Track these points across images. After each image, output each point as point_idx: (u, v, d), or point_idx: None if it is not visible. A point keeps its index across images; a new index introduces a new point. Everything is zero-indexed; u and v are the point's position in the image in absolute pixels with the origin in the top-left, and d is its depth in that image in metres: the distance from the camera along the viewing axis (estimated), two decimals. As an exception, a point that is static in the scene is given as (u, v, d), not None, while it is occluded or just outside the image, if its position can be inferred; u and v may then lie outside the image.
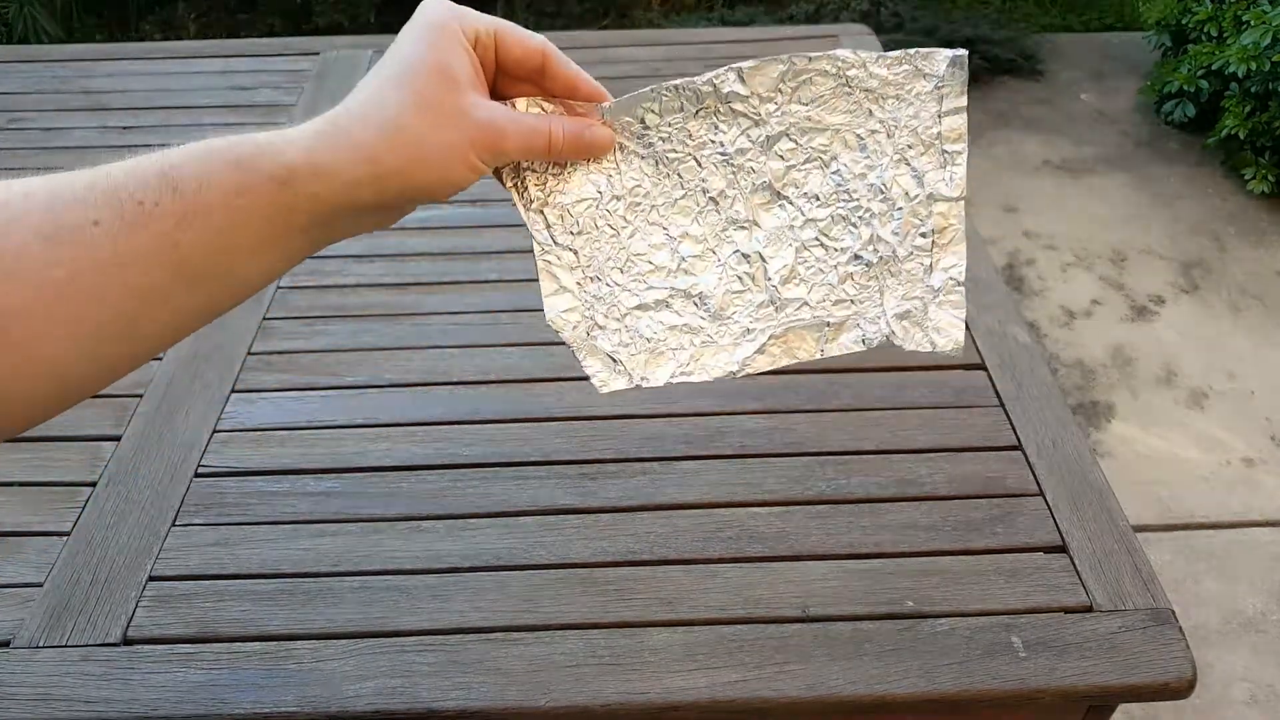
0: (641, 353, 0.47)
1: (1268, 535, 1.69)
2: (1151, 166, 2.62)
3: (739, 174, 0.47)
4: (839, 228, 0.47)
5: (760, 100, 0.46)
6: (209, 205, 0.36)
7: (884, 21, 3.05)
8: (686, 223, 0.47)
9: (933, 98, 0.45)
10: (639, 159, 0.46)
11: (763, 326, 0.47)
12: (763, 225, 0.47)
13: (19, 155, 1.25)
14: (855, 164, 0.46)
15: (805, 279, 0.47)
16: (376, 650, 0.69)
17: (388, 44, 0.44)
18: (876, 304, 0.47)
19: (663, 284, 0.47)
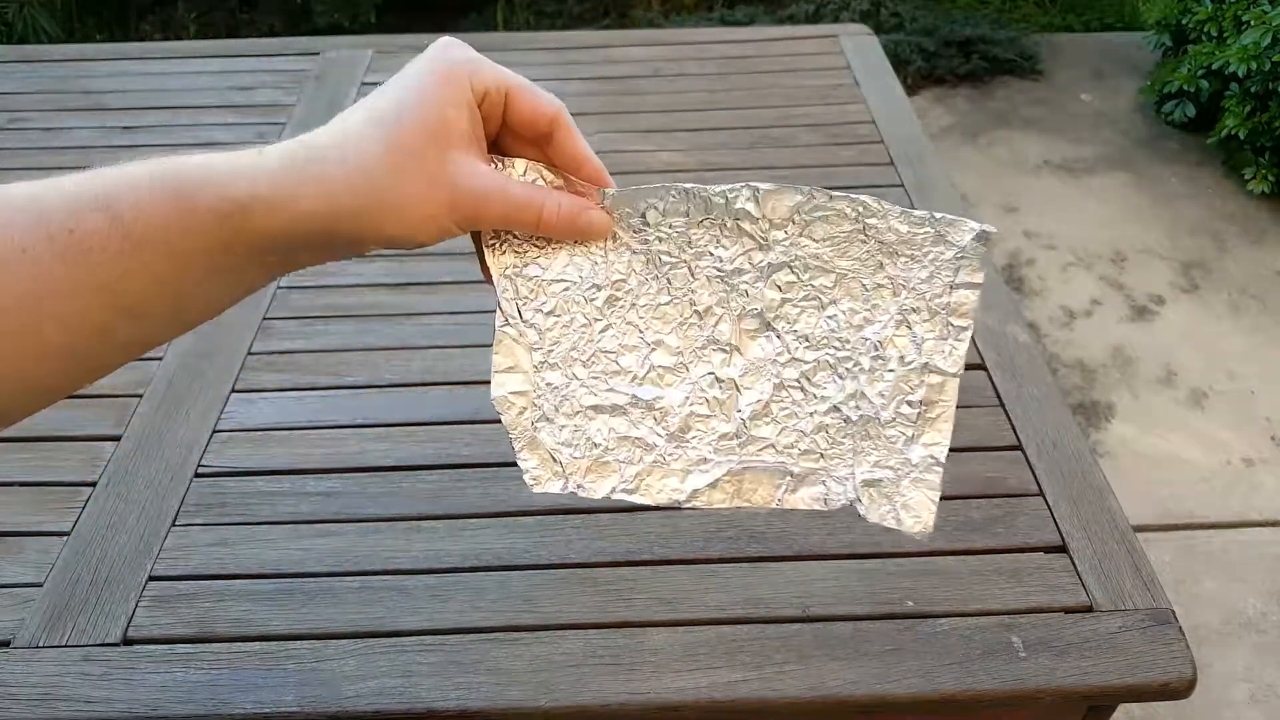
0: (585, 458, 0.44)
1: (1268, 535, 1.69)
2: (1151, 166, 2.62)
3: (731, 294, 0.44)
4: (824, 374, 0.44)
5: (771, 225, 0.43)
6: (150, 238, 0.34)
7: (884, 21, 3.05)
8: (665, 331, 0.44)
9: (949, 266, 0.43)
10: (630, 253, 0.43)
11: (721, 459, 0.44)
12: (745, 353, 0.44)
13: (19, 155, 1.25)
14: (855, 314, 0.43)
15: (777, 420, 0.44)
16: (376, 650, 0.69)
17: (388, 44, 0.44)
18: (847, 464, 0.44)
19: (625, 389, 0.44)
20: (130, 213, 0.34)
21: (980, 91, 2.94)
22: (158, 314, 0.36)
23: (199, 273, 0.36)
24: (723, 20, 3.15)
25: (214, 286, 0.37)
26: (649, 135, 1.26)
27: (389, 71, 1.43)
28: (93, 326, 0.34)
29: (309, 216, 0.36)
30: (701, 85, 1.39)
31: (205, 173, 0.36)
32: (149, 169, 0.36)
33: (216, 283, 0.37)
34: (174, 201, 0.35)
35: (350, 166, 0.37)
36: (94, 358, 0.36)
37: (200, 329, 0.39)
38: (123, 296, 0.34)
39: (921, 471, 0.44)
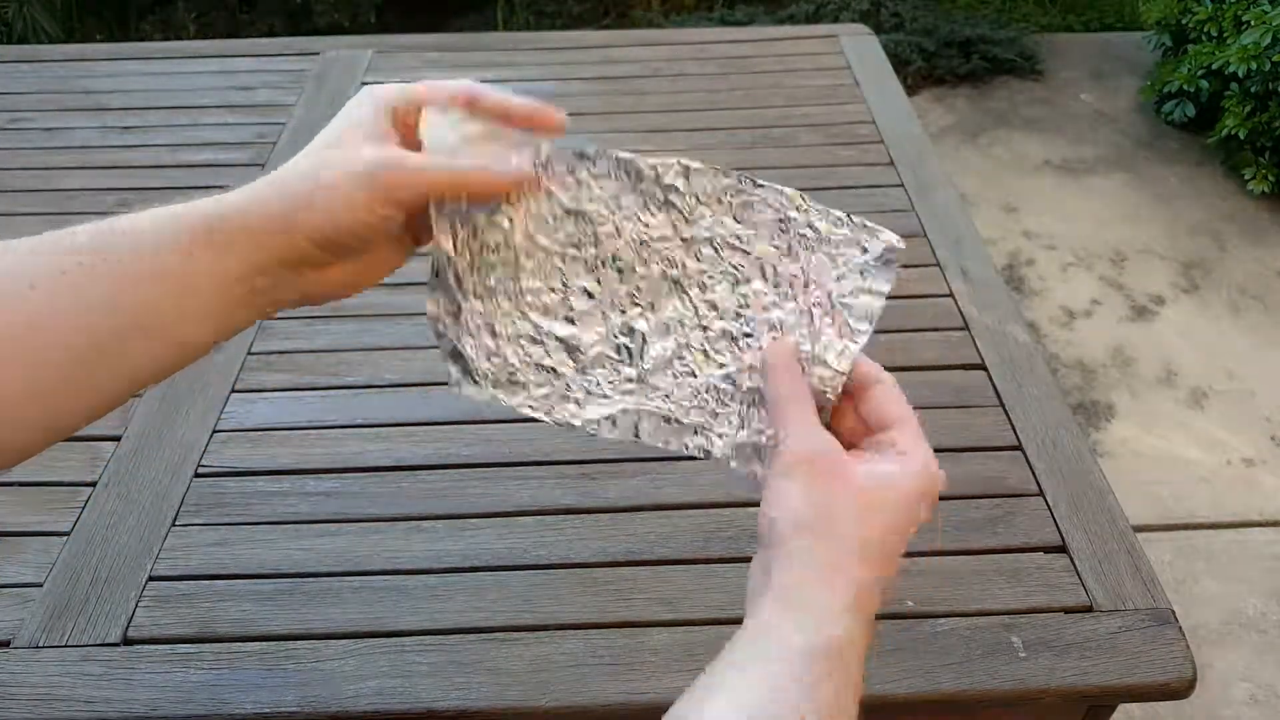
0: (501, 373, 0.47)
1: (1268, 535, 1.69)
2: (1151, 166, 2.62)
3: (653, 257, 0.47)
4: (725, 343, 0.47)
5: (697, 202, 0.46)
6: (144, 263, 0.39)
7: (884, 21, 3.05)
8: (588, 280, 0.47)
9: (858, 271, 0.46)
10: (563, 209, 0.46)
11: (619, 398, 0.47)
12: (657, 311, 0.47)
13: (19, 155, 1.25)
14: (764, 295, 0.46)
15: (676, 374, 0.47)
16: (376, 650, 0.69)
17: (388, 44, 0.45)
18: (731, 427, 0.47)
19: (543, 323, 0.47)
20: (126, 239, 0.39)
21: (980, 91, 2.94)
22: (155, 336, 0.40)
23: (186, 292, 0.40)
24: (723, 20, 3.15)
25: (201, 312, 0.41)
26: (649, 135, 1.26)
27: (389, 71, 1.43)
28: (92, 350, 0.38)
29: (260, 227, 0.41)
30: (701, 85, 1.39)
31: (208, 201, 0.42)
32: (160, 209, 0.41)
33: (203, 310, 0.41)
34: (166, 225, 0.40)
35: (280, 178, 0.43)
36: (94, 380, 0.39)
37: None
38: (120, 318, 0.38)
39: None
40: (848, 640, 0.38)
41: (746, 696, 0.36)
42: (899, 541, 0.41)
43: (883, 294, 0.45)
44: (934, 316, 0.98)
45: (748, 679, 0.37)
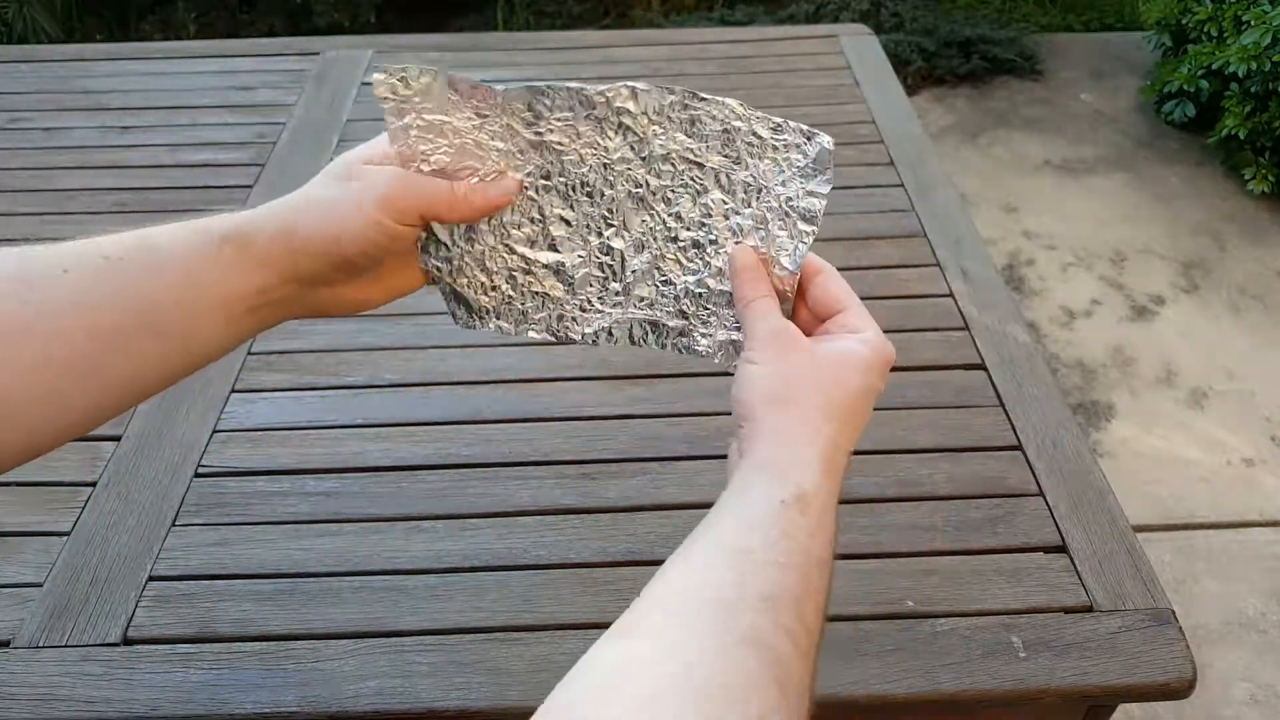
0: (501, 304, 0.52)
1: (1268, 535, 1.69)
2: (1151, 166, 2.62)
3: (617, 179, 0.50)
4: (693, 252, 0.50)
5: (649, 121, 0.49)
6: (169, 259, 0.41)
7: (884, 21, 3.05)
8: (562, 207, 0.51)
9: (800, 174, 0.48)
10: (527, 143, 0.49)
11: (609, 310, 0.52)
12: (630, 228, 0.51)
13: (19, 155, 1.25)
14: (724, 204, 0.49)
15: (656, 284, 0.51)
16: (376, 650, 0.69)
17: (388, 44, 0.45)
18: (711, 325, 0.51)
19: (529, 254, 0.51)
20: (157, 239, 0.41)
21: (980, 91, 2.94)
22: (172, 333, 0.41)
23: (204, 297, 0.42)
24: (723, 20, 3.15)
25: (215, 317, 0.43)
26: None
27: (389, 71, 1.38)
28: (118, 338, 0.39)
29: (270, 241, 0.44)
30: (701, 85, 1.38)
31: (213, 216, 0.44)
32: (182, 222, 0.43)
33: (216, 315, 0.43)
34: (194, 231, 0.42)
35: (289, 200, 0.46)
36: (113, 372, 0.39)
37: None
38: (144, 311, 0.40)
39: None
40: (816, 489, 0.40)
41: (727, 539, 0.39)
42: (860, 405, 0.44)
43: (823, 195, 0.48)
44: (934, 316, 0.98)
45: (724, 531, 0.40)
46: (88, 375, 0.38)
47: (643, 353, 0.94)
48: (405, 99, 0.47)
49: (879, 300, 0.98)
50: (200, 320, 0.42)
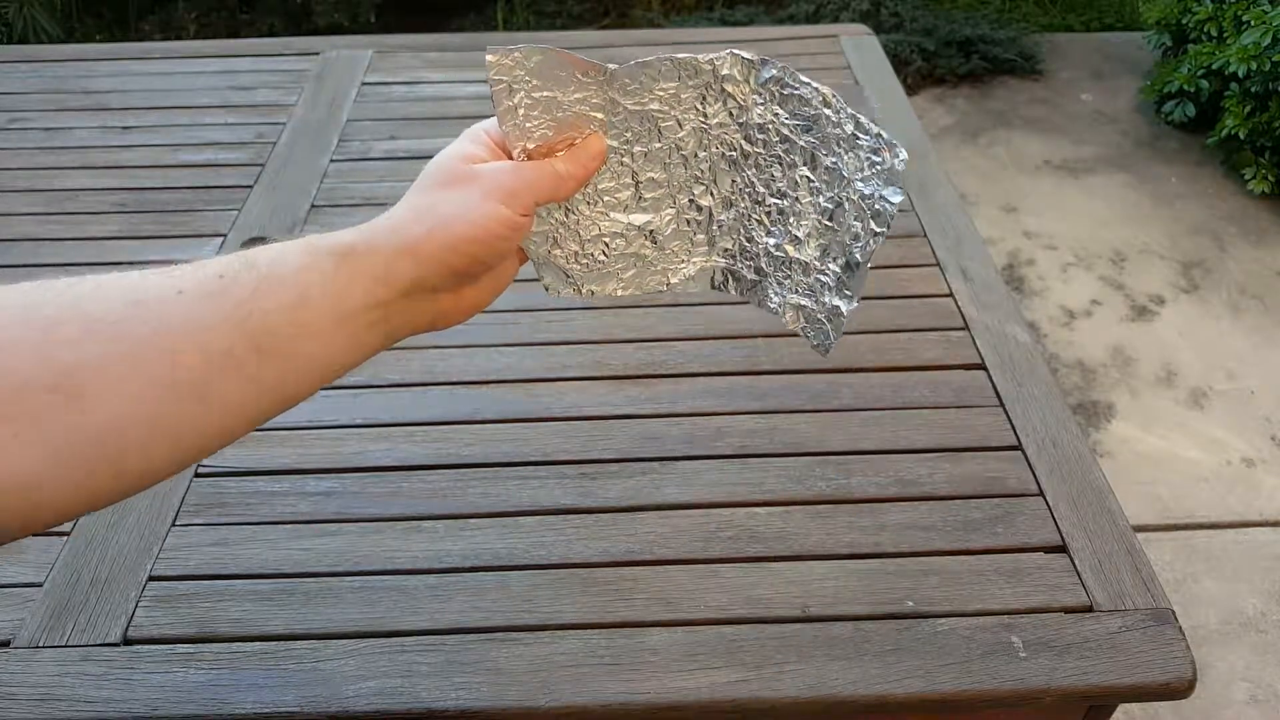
0: (591, 271, 0.54)
1: (1268, 535, 1.69)
2: (1151, 166, 2.62)
3: (712, 142, 0.52)
4: (776, 217, 0.52)
5: (750, 90, 0.50)
6: (280, 279, 0.40)
7: (884, 21, 3.05)
8: (655, 171, 0.52)
9: (878, 178, 0.49)
10: (627, 112, 0.50)
11: (694, 259, 0.55)
12: (720, 187, 0.53)
13: (19, 155, 1.25)
14: (809, 180, 0.51)
15: (738, 239, 0.54)
16: (376, 650, 0.69)
17: (388, 44, 0.45)
18: (783, 286, 0.53)
19: (622, 218, 0.53)
20: (265, 260, 0.40)
21: (980, 91, 2.94)
22: (279, 359, 0.40)
23: (318, 316, 0.41)
24: (723, 20, 3.15)
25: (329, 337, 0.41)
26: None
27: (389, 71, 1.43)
28: (229, 360, 0.38)
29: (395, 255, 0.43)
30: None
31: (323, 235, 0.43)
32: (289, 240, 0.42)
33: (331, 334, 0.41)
34: (302, 250, 0.41)
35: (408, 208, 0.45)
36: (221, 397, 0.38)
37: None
38: (255, 335, 0.39)
39: (833, 315, 0.52)
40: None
41: None
42: None
43: (895, 204, 0.48)
44: (934, 316, 0.98)
45: None
46: (202, 398, 0.37)
47: (643, 353, 0.95)
48: (516, 78, 0.47)
49: (879, 300, 0.98)
50: (317, 339, 0.41)
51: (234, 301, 0.38)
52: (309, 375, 0.41)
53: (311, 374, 0.42)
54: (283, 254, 0.41)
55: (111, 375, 0.35)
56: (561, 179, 0.48)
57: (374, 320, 0.43)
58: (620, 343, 0.96)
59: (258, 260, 0.40)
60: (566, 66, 0.48)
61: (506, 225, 0.45)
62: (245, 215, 1.13)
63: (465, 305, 0.48)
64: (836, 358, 0.93)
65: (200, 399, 0.37)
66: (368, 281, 0.42)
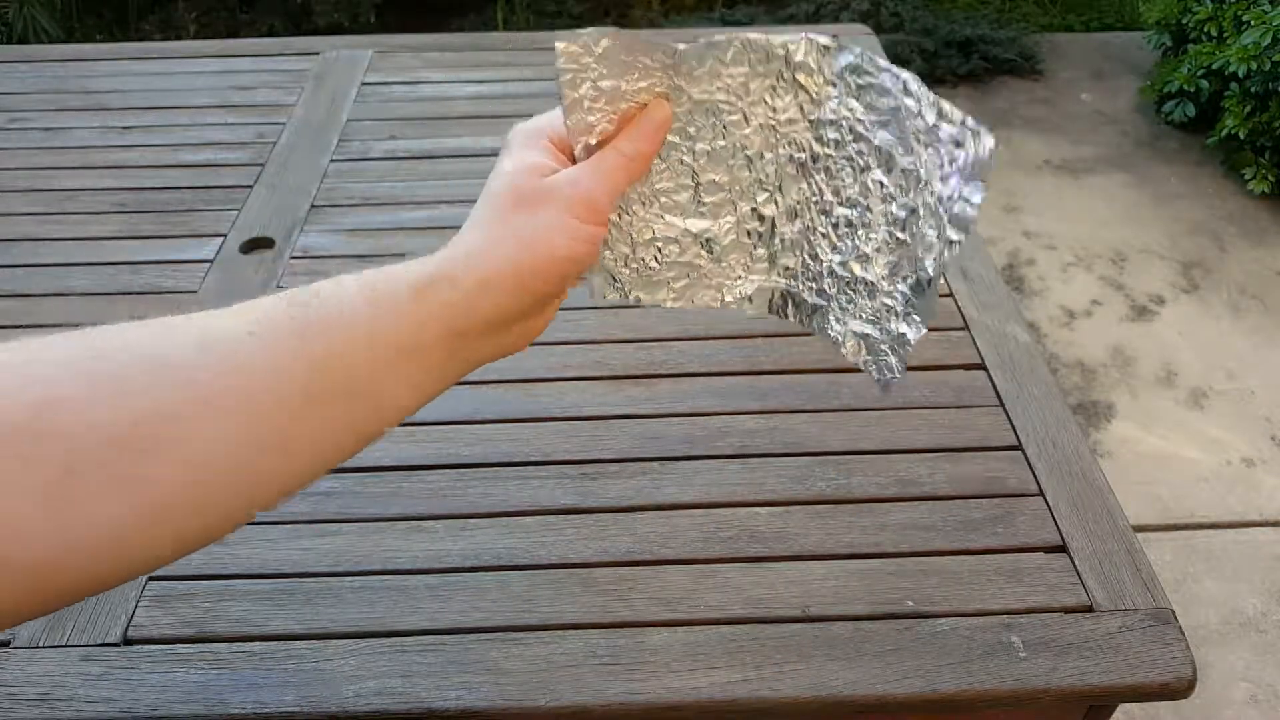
0: (641, 277, 0.50)
1: (1268, 535, 1.69)
2: (1151, 166, 2.62)
3: (780, 142, 0.47)
4: (846, 229, 0.48)
5: (825, 81, 0.46)
6: (354, 315, 0.38)
7: (884, 21, 3.05)
8: (717, 172, 0.48)
9: (960, 173, 0.44)
10: (692, 102, 0.46)
11: (752, 277, 0.51)
12: (785, 195, 0.48)
13: (19, 155, 1.25)
14: (883, 186, 0.46)
15: (801, 256, 0.49)
16: (376, 650, 0.69)
17: (388, 44, 0.45)
18: (846, 311, 0.49)
19: (678, 223, 0.49)
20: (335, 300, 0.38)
21: (980, 91, 2.94)
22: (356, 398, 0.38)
23: (393, 352, 0.39)
24: (723, 20, 3.15)
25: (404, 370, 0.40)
26: (649, 135, 1.26)
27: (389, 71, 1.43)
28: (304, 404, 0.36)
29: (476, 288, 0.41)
30: (701, 85, 1.39)
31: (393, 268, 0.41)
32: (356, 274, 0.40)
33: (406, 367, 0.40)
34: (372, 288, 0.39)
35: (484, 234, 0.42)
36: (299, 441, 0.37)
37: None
38: (329, 375, 0.37)
39: (898, 344, 0.48)
40: None
41: None
42: None
43: (977, 204, 0.44)
44: (934, 316, 0.98)
45: None
46: (274, 443, 0.36)
47: (643, 353, 0.95)
48: (585, 67, 0.44)
49: (879, 300, 0.98)
50: (391, 377, 0.39)
51: (307, 340, 0.36)
52: (385, 413, 0.40)
53: (387, 411, 0.40)
54: (357, 290, 0.39)
55: (188, 425, 0.33)
56: (631, 160, 0.45)
57: (453, 352, 0.41)
58: (620, 343, 0.95)
59: (329, 296, 0.38)
60: (633, 51, 0.44)
61: (589, 241, 0.43)
62: (245, 215, 1.13)
63: (541, 324, 0.45)
64: (836, 358, 0.93)
65: (278, 446, 0.36)
66: (445, 316, 0.40)
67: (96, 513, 0.32)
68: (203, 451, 0.34)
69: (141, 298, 1.00)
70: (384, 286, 0.39)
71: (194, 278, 1.03)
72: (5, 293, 1.01)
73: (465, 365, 0.43)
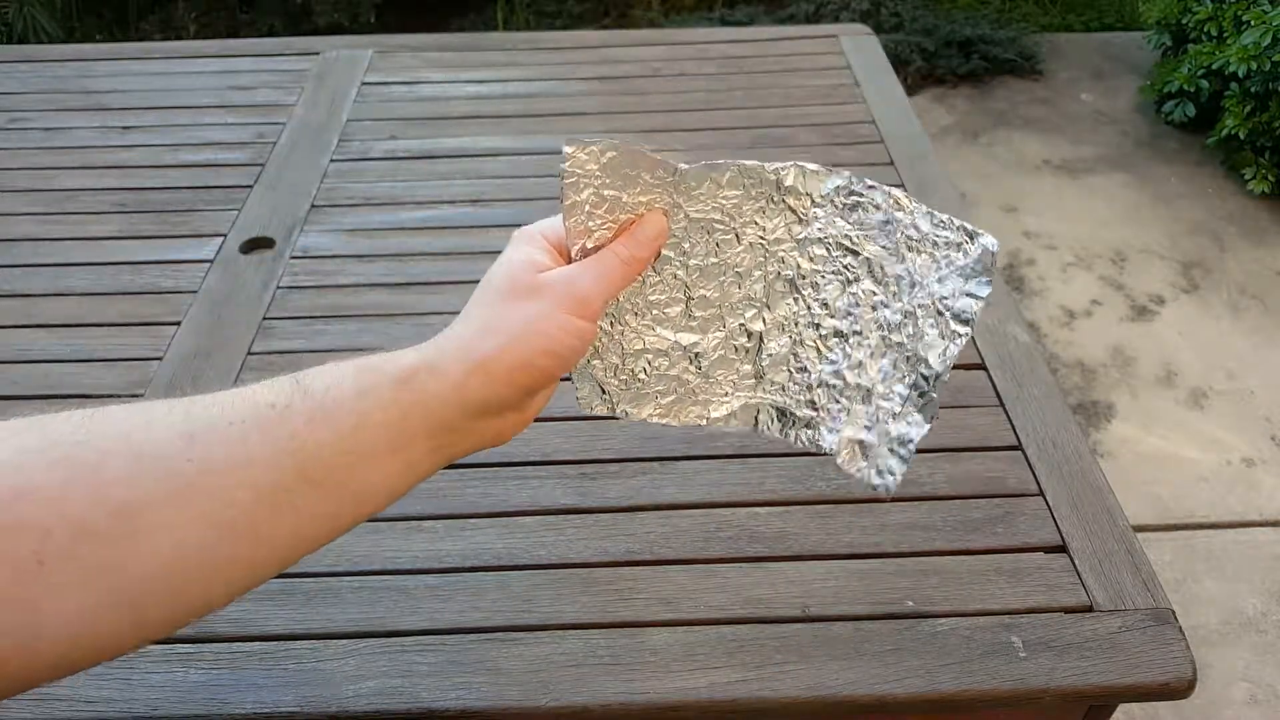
0: (629, 389, 0.51)
1: (1268, 535, 1.69)
2: (1151, 166, 2.62)
3: (769, 260, 0.50)
4: (836, 340, 0.49)
5: (813, 203, 0.49)
6: (336, 405, 0.38)
7: (884, 21, 3.05)
8: (708, 287, 0.50)
9: (960, 274, 0.46)
10: (688, 219, 0.49)
11: (740, 395, 0.51)
12: (773, 311, 0.50)
13: (19, 155, 1.25)
14: (873, 295, 0.48)
15: (791, 370, 0.51)
16: (376, 650, 0.69)
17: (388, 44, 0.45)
18: (840, 420, 0.50)
19: (669, 335, 0.50)
20: (320, 385, 0.38)
21: (980, 91, 2.94)
22: (334, 488, 0.38)
23: (375, 443, 0.39)
24: (723, 20, 3.15)
25: (386, 464, 0.39)
26: (649, 135, 1.26)
27: (389, 71, 1.42)
28: (281, 494, 0.36)
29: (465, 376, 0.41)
30: (701, 85, 1.39)
31: (381, 356, 0.41)
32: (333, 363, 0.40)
33: (387, 461, 0.39)
34: (357, 374, 0.39)
35: (477, 325, 0.43)
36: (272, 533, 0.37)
37: (200, 327, 0.40)
38: (308, 465, 0.37)
39: (898, 445, 0.48)
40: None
41: None
42: None
43: (982, 298, 0.46)
44: (934, 316, 0.98)
45: None
46: (249, 534, 0.36)
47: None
48: (588, 173, 0.46)
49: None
50: (371, 469, 0.39)
51: (288, 433, 0.36)
52: (362, 504, 0.40)
53: (364, 503, 0.40)
54: (339, 379, 0.39)
55: (164, 515, 0.34)
56: (626, 265, 0.46)
57: (436, 446, 0.41)
58: (620, 343, 0.95)
59: (313, 386, 0.38)
60: (636, 165, 0.46)
61: (580, 336, 0.44)
62: (245, 215, 1.13)
63: (525, 419, 0.45)
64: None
65: (252, 537, 0.36)
66: (428, 406, 0.40)
67: (65, 602, 0.32)
68: (176, 541, 0.34)
69: (141, 298, 1.00)
70: (369, 377, 0.39)
71: (194, 278, 1.03)
72: (5, 293, 1.01)
73: (446, 458, 0.42)
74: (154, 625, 0.35)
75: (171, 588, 0.35)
